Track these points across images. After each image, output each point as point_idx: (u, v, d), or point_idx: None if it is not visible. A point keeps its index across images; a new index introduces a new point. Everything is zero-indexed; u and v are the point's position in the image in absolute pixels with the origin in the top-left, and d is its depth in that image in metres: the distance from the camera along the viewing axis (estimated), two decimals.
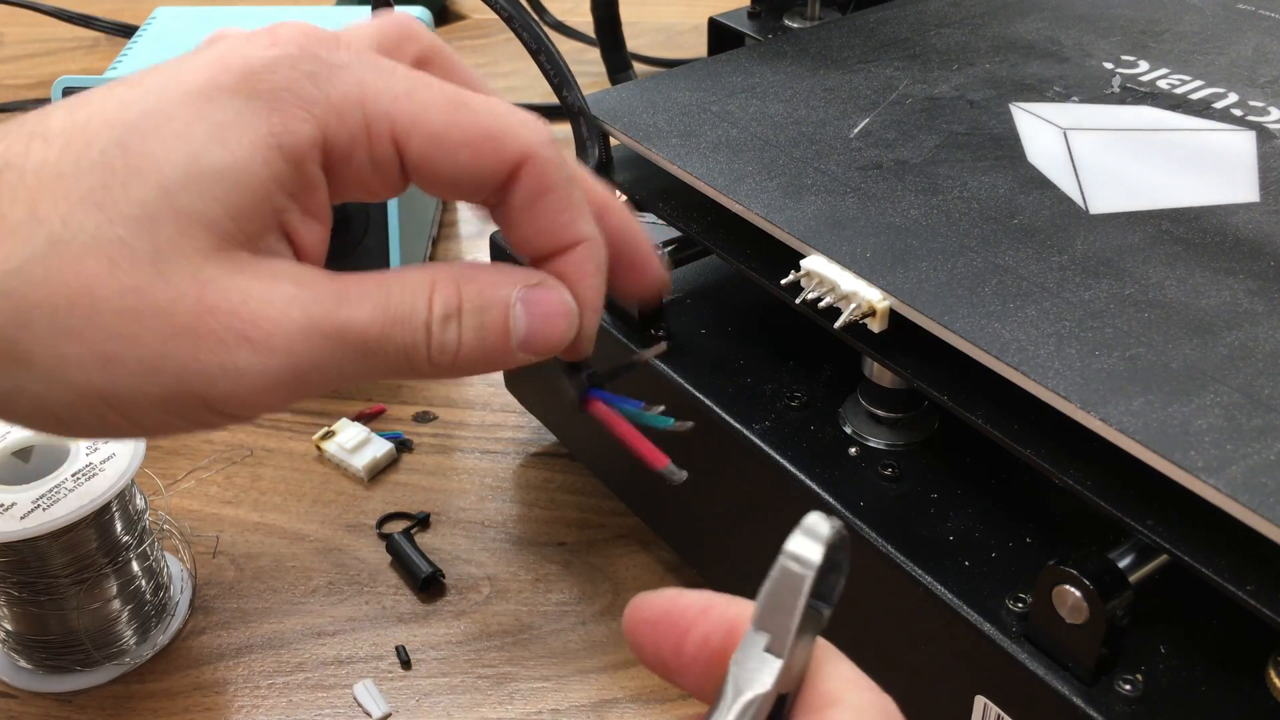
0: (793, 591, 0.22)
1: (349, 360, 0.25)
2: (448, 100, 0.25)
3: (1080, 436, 0.33)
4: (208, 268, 0.23)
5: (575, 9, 0.84)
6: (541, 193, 0.26)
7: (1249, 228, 0.41)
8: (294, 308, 0.24)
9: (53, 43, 1.04)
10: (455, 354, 0.26)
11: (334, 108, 0.24)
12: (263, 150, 0.23)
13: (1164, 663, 0.35)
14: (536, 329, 0.26)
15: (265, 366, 0.23)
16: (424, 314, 0.25)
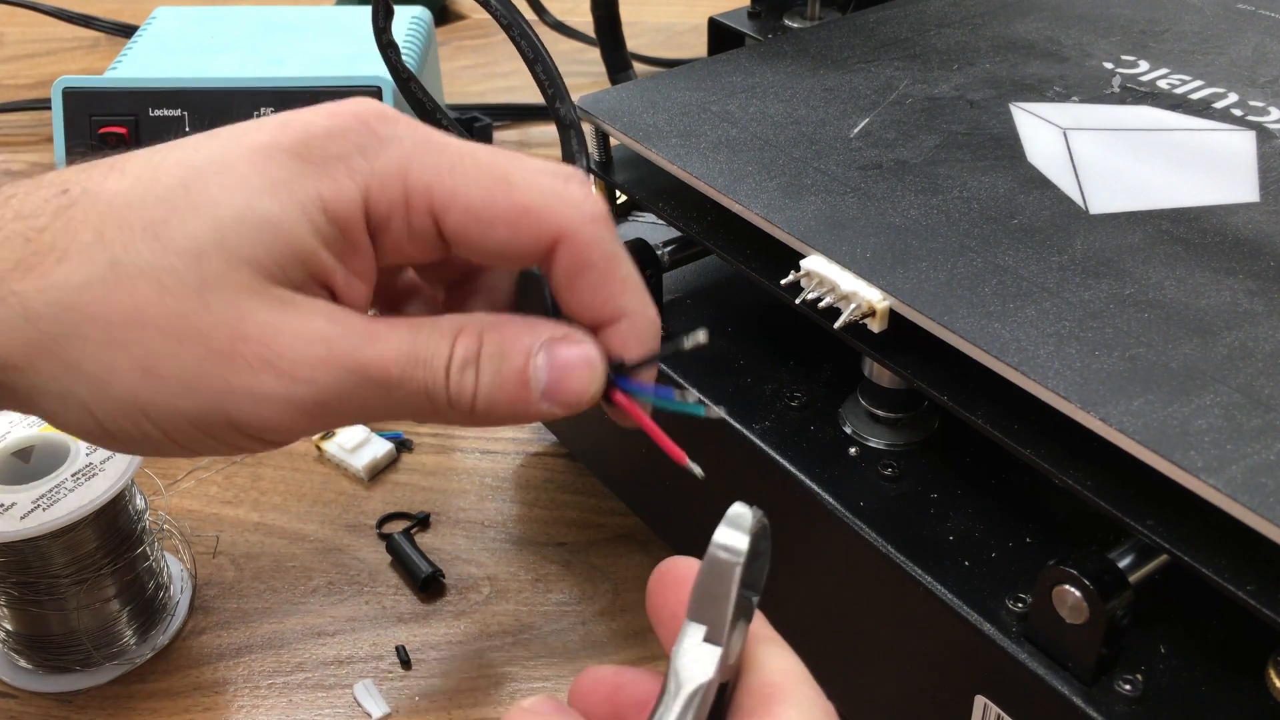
0: (725, 581, 0.23)
1: (373, 396, 0.26)
2: (490, 176, 0.27)
3: (1080, 436, 0.33)
4: (247, 301, 0.25)
5: (575, 9, 0.84)
6: (580, 270, 0.27)
7: (1249, 228, 0.41)
8: (320, 341, 0.25)
9: (53, 43, 1.04)
10: (472, 399, 0.26)
11: (378, 177, 0.26)
12: (310, 209, 0.26)
13: (1164, 663, 0.35)
14: (556, 379, 0.27)
15: (288, 393, 0.25)
16: (445, 357, 0.26)
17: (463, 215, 0.27)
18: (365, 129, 0.27)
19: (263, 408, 0.25)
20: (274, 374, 0.25)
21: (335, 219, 0.26)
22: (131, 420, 0.25)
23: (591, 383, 0.27)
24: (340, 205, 0.26)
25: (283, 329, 0.25)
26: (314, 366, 0.25)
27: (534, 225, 0.27)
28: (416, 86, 0.49)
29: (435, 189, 0.26)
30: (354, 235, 0.27)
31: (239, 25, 0.78)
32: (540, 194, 0.27)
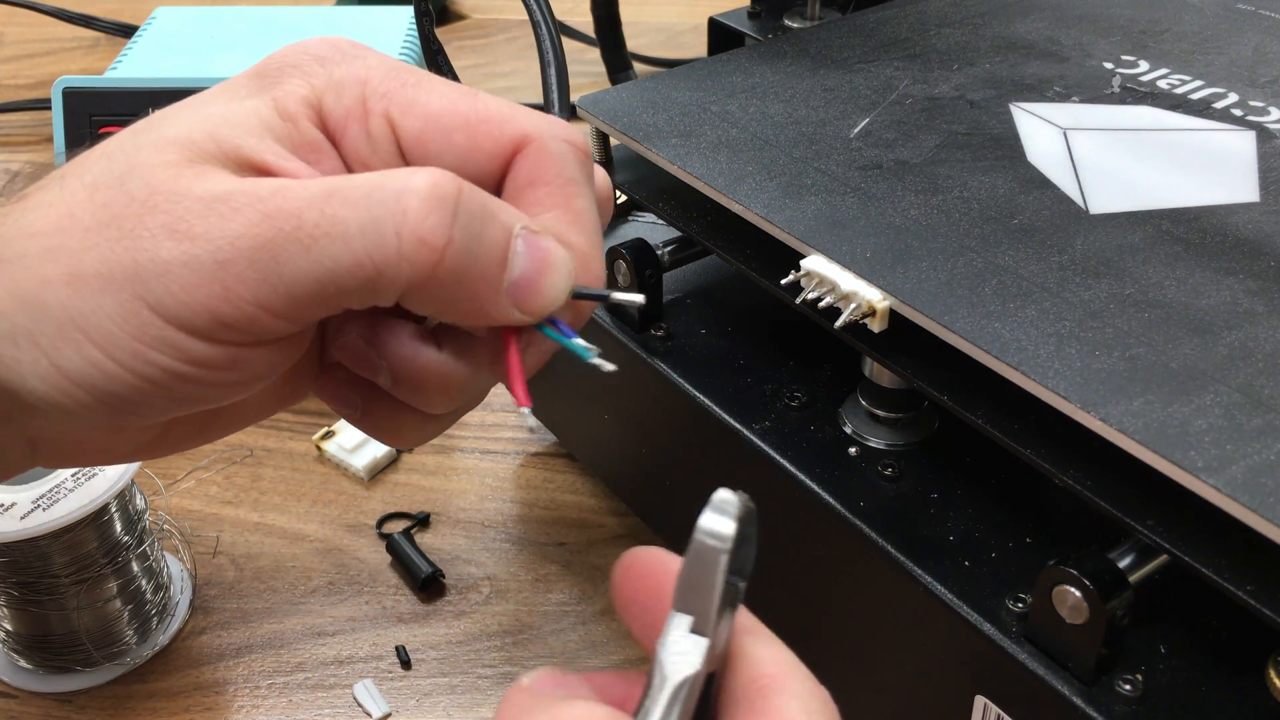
0: (711, 569, 0.22)
1: (289, 253, 0.22)
2: (456, 91, 0.25)
3: (1080, 436, 0.33)
4: (164, 174, 0.23)
5: (575, 9, 0.84)
6: (531, 183, 0.25)
7: (1249, 228, 0.41)
8: (220, 198, 0.23)
9: (53, 43, 1.05)
10: (441, 250, 0.22)
11: (333, 81, 0.25)
12: (259, 106, 0.25)
13: (1164, 663, 0.35)
14: (533, 274, 0.24)
15: (188, 255, 0.22)
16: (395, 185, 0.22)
17: (420, 121, 0.25)
18: (330, 47, 0.26)
19: (168, 279, 0.22)
20: (173, 238, 0.22)
21: (284, 113, 0.25)
22: (74, 345, 0.23)
23: (562, 290, 0.24)
24: (289, 100, 0.25)
25: (188, 194, 0.23)
26: (212, 223, 0.22)
27: (493, 131, 0.25)
28: (443, 60, 0.49)
29: (395, 96, 0.25)
30: (305, 130, 0.25)
31: (239, 25, 0.78)
32: (506, 106, 0.25)
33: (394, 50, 0.73)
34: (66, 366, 0.23)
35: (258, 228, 0.22)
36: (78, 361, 0.23)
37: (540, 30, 0.44)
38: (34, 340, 0.23)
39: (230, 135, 0.24)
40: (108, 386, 0.24)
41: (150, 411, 0.25)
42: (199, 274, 0.22)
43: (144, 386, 0.24)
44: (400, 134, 0.25)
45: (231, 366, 0.24)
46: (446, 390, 0.27)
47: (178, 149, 0.24)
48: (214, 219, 0.23)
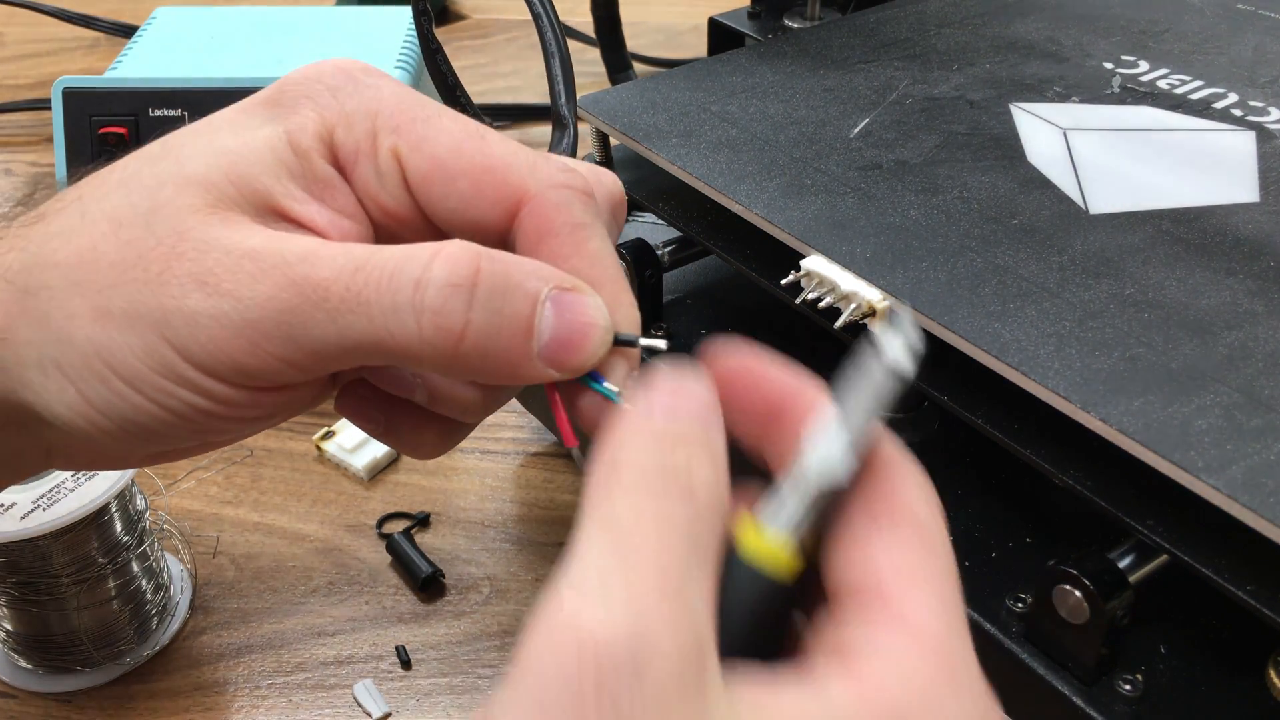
0: (880, 391, 0.21)
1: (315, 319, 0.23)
2: (463, 132, 0.25)
3: (1080, 436, 0.33)
4: (189, 221, 0.24)
5: (575, 9, 0.84)
6: (541, 237, 0.25)
7: (1249, 228, 0.41)
8: (249, 256, 0.23)
9: (53, 43, 1.04)
10: (460, 334, 0.23)
11: (344, 114, 0.26)
12: (274, 141, 0.25)
13: (1164, 663, 0.35)
14: (564, 337, 0.24)
15: (216, 310, 0.23)
16: (414, 272, 0.23)
17: (428, 162, 0.25)
18: (343, 75, 0.26)
19: (196, 329, 0.23)
20: (203, 291, 0.23)
21: (297, 149, 0.25)
22: (95, 374, 0.24)
23: (599, 348, 0.24)
24: (302, 135, 0.25)
25: (216, 246, 0.24)
26: (240, 281, 0.23)
27: (497, 183, 0.25)
28: (442, 59, 0.49)
29: (404, 132, 0.25)
30: (317, 166, 0.25)
31: (239, 25, 0.78)
32: (510, 155, 0.25)
33: (393, 51, 0.73)
34: (93, 398, 0.24)
35: (285, 293, 0.23)
36: (104, 393, 0.24)
37: (542, 22, 0.44)
38: (62, 370, 0.24)
39: (248, 176, 0.25)
40: (133, 417, 0.24)
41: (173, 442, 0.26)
42: (226, 329, 0.23)
43: (168, 419, 0.24)
44: (408, 171, 0.25)
45: (253, 405, 0.25)
46: (483, 400, 0.27)
47: (200, 192, 0.24)
48: (243, 278, 0.23)
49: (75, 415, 0.25)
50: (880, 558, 0.21)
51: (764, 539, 0.21)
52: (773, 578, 0.21)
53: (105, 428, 0.25)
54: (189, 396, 0.24)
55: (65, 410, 0.25)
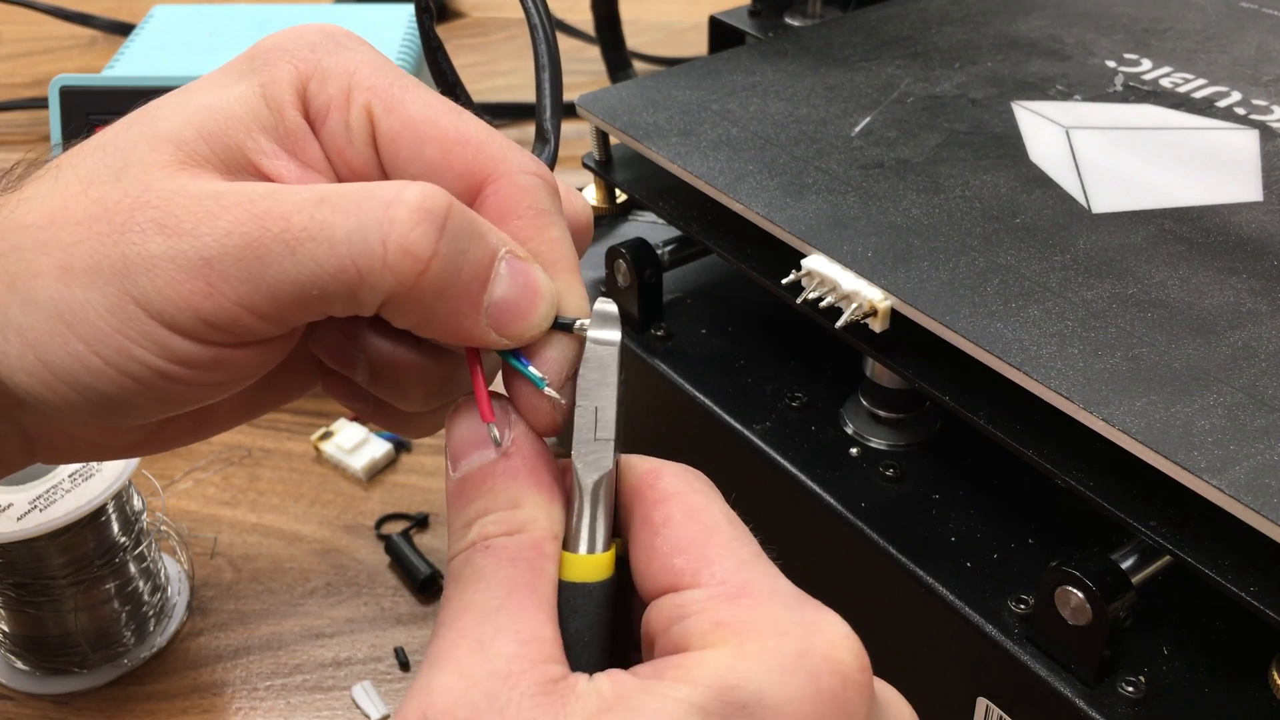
0: (609, 371, 0.24)
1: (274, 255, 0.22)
2: (440, 103, 0.25)
3: (1082, 437, 0.33)
4: (157, 174, 0.24)
5: (575, 7, 0.83)
6: (504, 217, 0.25)
7: (1252, 227, 0.41)
8: (210, 196, 0.23)
9: (50, 41, 1.04)
10: (426, 262, 0.23)
11: (320, 69, 0.25)
12: (246, 95, 0.25)
13: (1166, 664, 0.35)
14: (513, 298, 0.24)
15: (175, 250, 0.23)
16: (386, 195, 0.23)
17: (400, 124, 0.25)
18: (324, 35, 0.26)
19: (155, 275, 0.23)
20: (162, 234, 0.23)
21: (270, 102, 0.25)
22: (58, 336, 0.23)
23: (543, 317, 0.25)
24: (276, 88, 0.25)
25: (180, 192, 0.23)
26: (200, 218, 0.23)
27: (467, 154, 0.25)
28: (443, 57, 0.49)
29: (379, 91, 0.25)
30: (291, 119, 0.25)
31: (236, 24, 0.77)
32: (484, 133, 0.25)
33: (393, 48, 0.73)
34: (52, 361, 0.23)
35: (245, 226, 0.23)
36: (63, 357, 0.23)
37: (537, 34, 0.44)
38: (22, 334, 0.23)
39: (219, 132, 0.24)
40: (93, 384, 0.24)
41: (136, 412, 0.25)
42: (184, 270, 0.23)
43: (129, 384, 0.24)
44: (378, 131, 0.25)
45: (215, 367, 0.24)
46: (424, 385, 0.27)
47: (172, 149, 0.24)
48: (202, 215, 0.23)
49: (36, 383, 0.24)
50: (667, 555, 0.24)
51: (572, 561, 0.24)
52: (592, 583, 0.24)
53: (67, 396, 0.24)
54: (149, 357, 0.23)
55: (25, 378, 0.24)
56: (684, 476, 0.25)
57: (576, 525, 0.24)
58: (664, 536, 0.24)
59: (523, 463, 0.25)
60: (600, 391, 0.24)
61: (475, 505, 0.24)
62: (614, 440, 0.24)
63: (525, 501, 0.24)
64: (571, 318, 0.25)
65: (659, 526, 0.24)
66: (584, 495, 0.24)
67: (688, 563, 0.23)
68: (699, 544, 0.23)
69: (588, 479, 0.24)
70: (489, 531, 0.24)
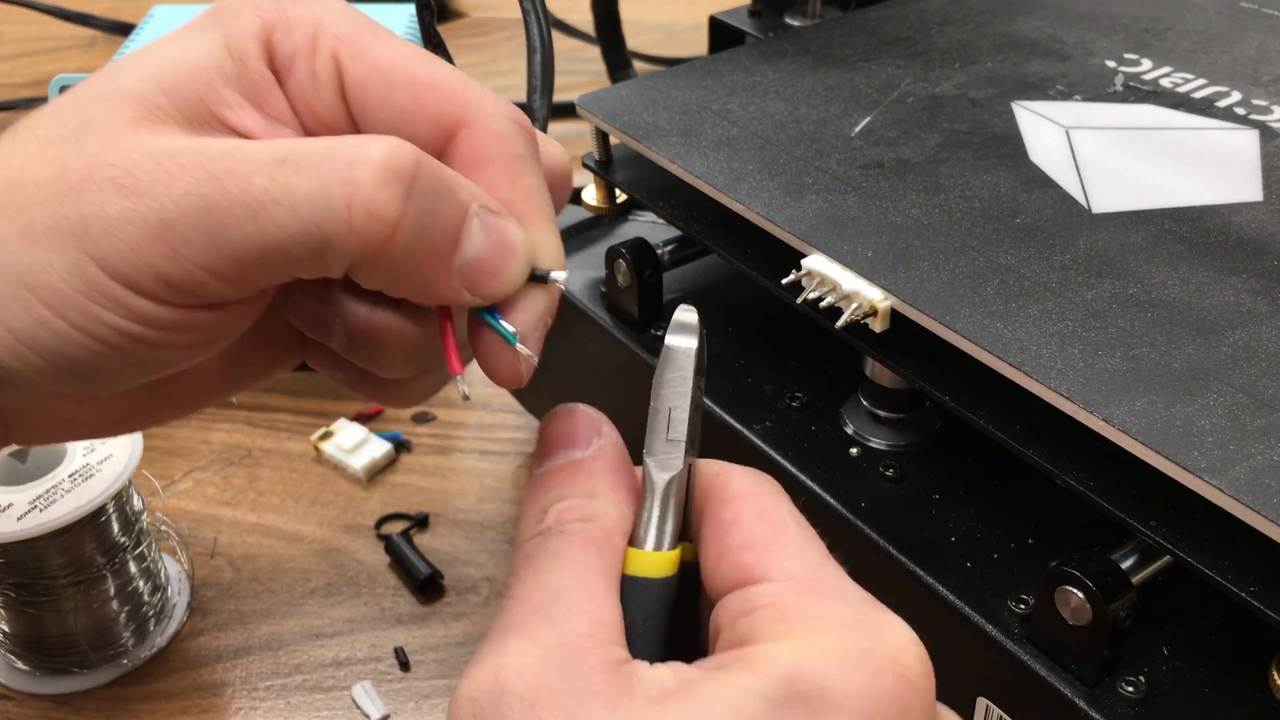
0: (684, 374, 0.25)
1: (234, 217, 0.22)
2: (410, 49, 0.25)
3: (1083, 437, 0.33)
4: (118, 133, 0.23)
5: (575, 6, 0.83)
6: (476, 163, 0.24)
7: (1252, 227, 0.41)
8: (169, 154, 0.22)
9: (50, 41, 1.04)
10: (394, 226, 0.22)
11: (285, 17, 0.25)
12: (209, 46, 0.24)
13: (1167, 664, 0.35)
14: (487, 256, 0.23)
15: (131, 212, 0.22)
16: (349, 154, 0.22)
17: (368, 69, 0.24)
18: None
19: (114, 236, 0.22)
20: (120, 193, 0.22)
21: (234, 52, 0.24)
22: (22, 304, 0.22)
23: (517, 276, 0.24)
24: (239, 36, 0.24)
25: (139, 149, 0.22)
26: (158, 179, 0.22)
27: (438, 99, 0.24)
28: (444, 53, 0.49)
29: (346, 38, 0.24)
30: (255, 69, 0.24)
31: None
32: (456, 77, 0.24)
33: None
34: (16, 327, 0.23)
35: (204, 187, 0.22)
36: (27, 322, 0.23)
37: (530, 18, 0.44)
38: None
39: (180, 84, 0.24)
40: (60, 349, 0.23)
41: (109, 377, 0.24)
42: (143, 231, 0.22)
43: (96, 348, 0.23)
44: (345, 78, 0.24)
45: (184, 328, 0.23)
46: (403, 351, 0.26)
47: (132, 104, 0.23)
48: (160, 175, 0.22)
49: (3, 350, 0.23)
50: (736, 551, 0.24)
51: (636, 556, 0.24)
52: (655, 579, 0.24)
53: (35, 364, 0.23)
54: (114, 319, 0.23)
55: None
56: (752, 478, 0.25)
57: (645, 522, 0.25)
58: (733, 534, 0.24)
59: (605, 464, 0.26)
60: (675, 394, 0.25)
61: (553, 493, 0.25)
62: (686, 442, 0.25)
63: (601, 495, 0.25)
64: (546, 269, 0.25)
65: (729, 525, 0.24)
66: (654, 493, 0.25)
67: (756, 559, 0.23)
68: (768, 541, 0.24)
69: (659, 478, 0.25)
70: (564, 516, 0.24)
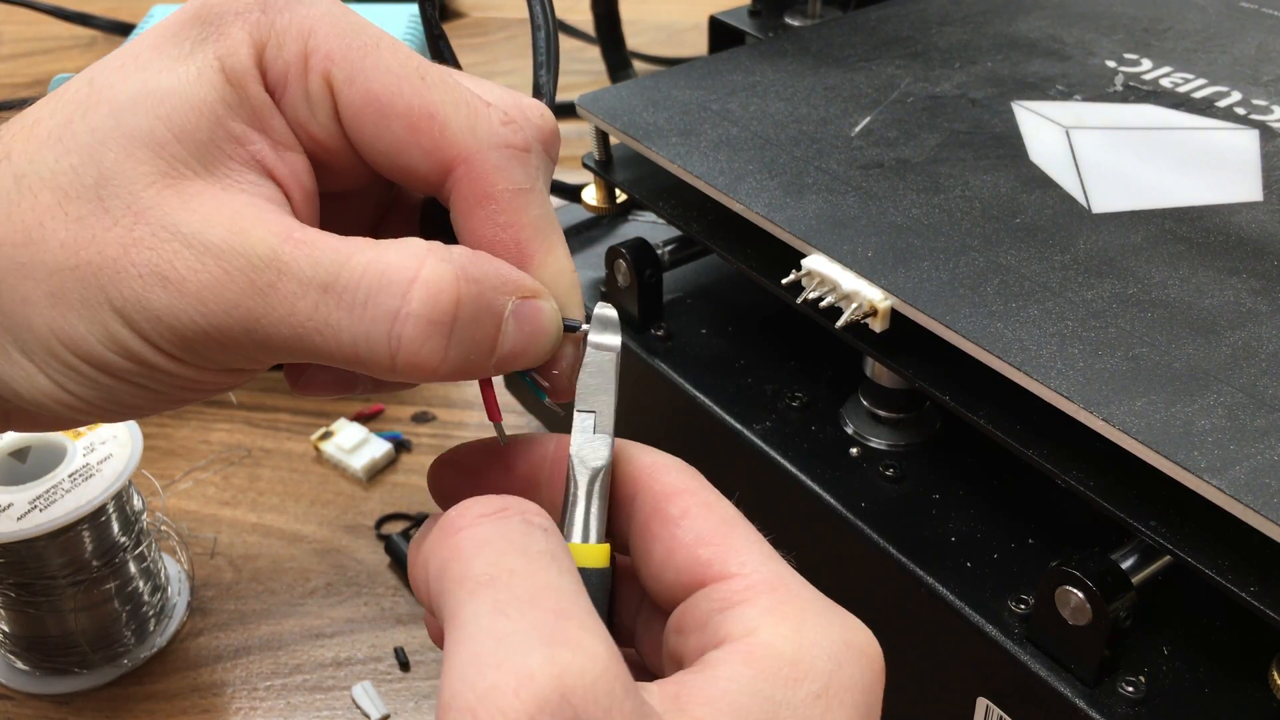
0: (608, 373, 0.25)
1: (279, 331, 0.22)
2: (403, 69, 0.24)
3: (1083, 437, 0.33)
4: (145, 195, 0.22)
5: (575, 6, 0.83)
6: (479, 201, 0.24)
7: (1252, 227, 0.41)
8: (214, 254, 0.22)
9: (49, 41, 1.04)
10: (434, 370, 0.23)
11: (275, 32, 0.24)
12: (208, 72, 0.23)
13: (1167, 664, 0.35)
14: (522, 347, 0.24)
15: (177, 309, 0.22)
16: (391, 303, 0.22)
17: (361, 97, 0.24)
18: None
19: (159, 325, 0.22)
20: (164, 287, 0.22)
21: (232, 77, 0.23)
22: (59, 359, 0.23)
23: (548, 352, 0.25)
24: (235, 61, 0.23)
25: (175, 234, 0.22)
26: (204, 284, 0.22)
27: (434, 133, 0.24)
28: (445, 45, 0.49)
29: (338, 58, 0.24)
30: (255, 94, 0.24)
31: None
32: (450, 104, 0.24)
33: None
34: (62, 381, 0.24)
35: (250, 300, 0.22)
36: (76, 378, 0.23)
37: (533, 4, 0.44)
38: (28, 356, 0.23)
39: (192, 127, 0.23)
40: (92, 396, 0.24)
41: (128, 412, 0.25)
42: (189, 327, 0.22)
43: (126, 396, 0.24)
44: (340, 103, 0.24)
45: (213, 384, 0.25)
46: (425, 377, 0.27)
47: (149, 156, 0.23)
48: (207, 279, 0.22)
49: (45, 398, 0.24)
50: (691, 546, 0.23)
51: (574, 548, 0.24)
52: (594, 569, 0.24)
53: (76, 406, 0.24)
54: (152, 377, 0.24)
55: (35, 394, 0.24)
56: (688, 471, 0.25)
57: (574, 516, 0.24)
58: (684, 528, 0.24)
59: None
60: (599, 396, 0.25)
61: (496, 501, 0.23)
62: (611, 437, 0.25)
63: None
64: (574, 321, 0.26)
65: (677, 519, 0.24)
66: (579, 487, 0.24)
67: (715, 554, 0.23)
68: (722, 536, 0.23)
69: (584, 472, 0.24)
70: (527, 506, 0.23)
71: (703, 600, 0.23)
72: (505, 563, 0.20)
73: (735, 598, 0.22)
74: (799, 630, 0.22)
